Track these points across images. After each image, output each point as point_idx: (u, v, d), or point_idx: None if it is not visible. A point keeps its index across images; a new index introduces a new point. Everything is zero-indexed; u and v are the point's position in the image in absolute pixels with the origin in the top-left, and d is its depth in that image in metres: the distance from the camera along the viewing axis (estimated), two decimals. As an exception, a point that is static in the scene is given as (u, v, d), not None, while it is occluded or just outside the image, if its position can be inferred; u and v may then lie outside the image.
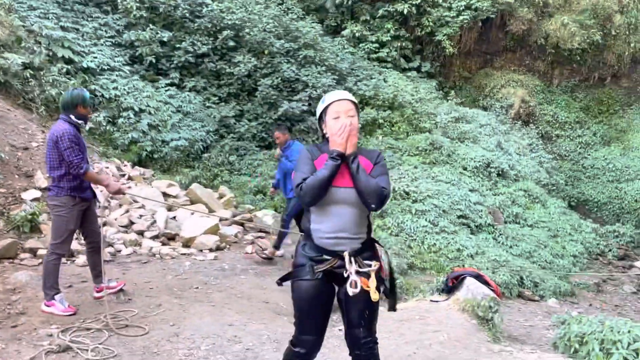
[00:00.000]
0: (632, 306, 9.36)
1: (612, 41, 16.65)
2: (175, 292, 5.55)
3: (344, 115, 2.73)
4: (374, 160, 2.78)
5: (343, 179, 2.66)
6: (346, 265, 2.62)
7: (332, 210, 2.67)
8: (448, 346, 4.56)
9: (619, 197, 14.48)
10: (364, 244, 2.74)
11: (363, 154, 2.79)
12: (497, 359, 4.41)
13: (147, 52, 11.35)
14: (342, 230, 2.67)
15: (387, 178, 2.77)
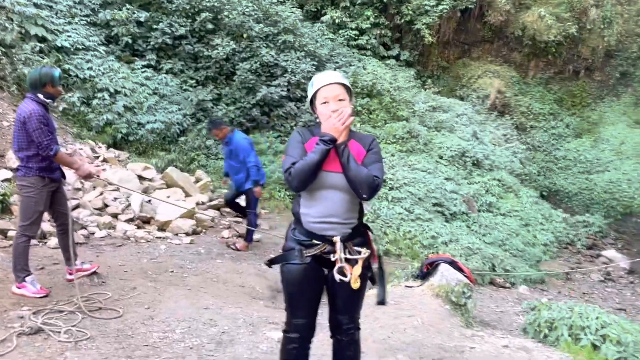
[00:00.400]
0: (599, 294, 9.61)
1: (587, 35, 16.89)
2: (150, 276, 5.50)
3: (332, 100, 2.66)
4: (368, 146, 2.71)
5: (334, 163, 2.61)
6: (336, 252, 2.58)
7: (322, 195, 2.63)
8: (422, 330, 4.62)
9: (588, 188, 14.80)
10: (355, 230, 2.69)
11: (356, 139, 2.73)
12: (469, 343, 4.48)
13: (123, 32, 11.09)
14: (331, 215, 2.63)
15: (381, 165, 2.69)
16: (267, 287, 6.00)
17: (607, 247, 12.55)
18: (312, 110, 2.83)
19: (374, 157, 2.69)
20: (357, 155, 2.64)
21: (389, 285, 6.07)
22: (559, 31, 16.24)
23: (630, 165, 15.06)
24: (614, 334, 4.49)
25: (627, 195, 14.33)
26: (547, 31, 16.23)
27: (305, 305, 2.73)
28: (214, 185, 9.43)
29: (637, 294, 9.83)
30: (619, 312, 7.98)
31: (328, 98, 2.67)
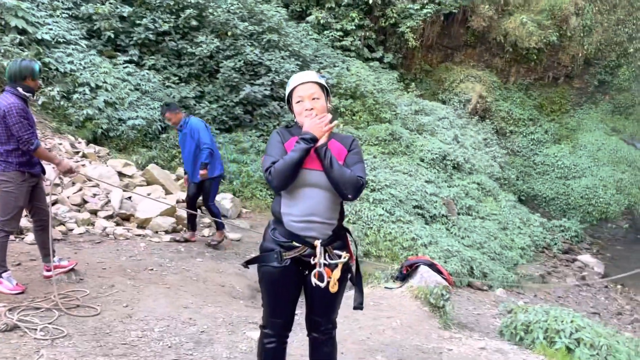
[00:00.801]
0: (574, 298, 9.78)
1: (567, 42, 17.18)
2: (129, 274, 5.44)
3: (307, 99, 2.66)
4: (349, 146, 2.72)
5: (315, 161, 2.60)
6: (316, 256, 2.58)
7: (303, 193, 2.61)
8: (400, 332, 4.66)
9: (566, 193, 15.06)
10: (336, 232, 2.68)
11: (337, 139, 2.74)
12: (447, 345, 4.53)
13: (105, 26, 10.96)
14: (313, 214, 2.61)
15: (363, 166, 2.70)
16: (247, 286, 6.00)
17: (582, 252, 12.79)
18: (290, 110, 2.82)
19: (356, 157, 2.70)
20: (339, 155, 2.64)
21: (369, 286, 6.10)
22: (539, 38, 16.49)
23: (606, 172, 15.37)
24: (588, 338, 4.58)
25: (603, 201, 14.64)
26: (528, 38, 16.46)
27: (282, 306, 2.74)
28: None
29: (611, 299, 10.02)
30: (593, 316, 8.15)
31: (302, 97, 2.67)
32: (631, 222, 14.60)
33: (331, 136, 2.72)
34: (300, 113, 2.68)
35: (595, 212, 14.52)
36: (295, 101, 2.70)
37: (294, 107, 2.72)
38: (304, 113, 2.65)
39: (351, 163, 2.66)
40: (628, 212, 14.65)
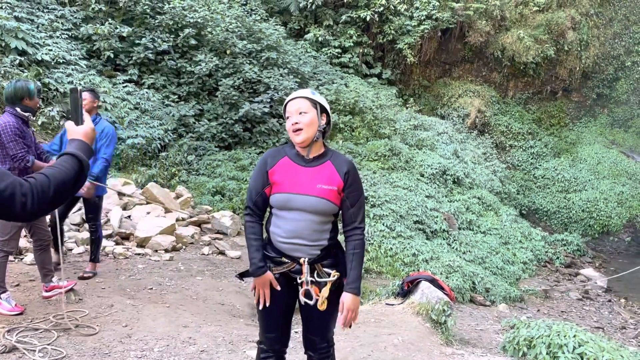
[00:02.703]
0: (577, 312, 9.70)
1: (564, 56, 17.30)
2: (129, 293, 5.42)
3: (294, 114, 2.60)
4: (343, 174, 2.61)
5: (299, 185, 2.58)
6: (303, 274, 2.57)
7: (288, 216, 2.59)
8: (402, 349, 4.63)
9: (567, 206, 15.03)
10: (325, 250, 2.64)
11: (333, 162, 2.65)
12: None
13: (105, 46, 11.07)
14: (297, 236, 2.59)
15: (362, 201, 2.66)
16: (246, 304, 5.96)
17: (585, 266, 12.73)
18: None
19: (356, 194, 2.64)
20: (329, 179, 2.58)
21: (370, 303, 6.08)
22: (537, 52, 16.61)
23: (606, 185, 15.36)
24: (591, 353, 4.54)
25: (604, 214, 14.61)
26: (525, 52, 16.58)
27: (274, 321, 2.73)
28: (195, 201, 9.39)
29: (615, 312, 9.96)
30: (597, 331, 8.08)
31: (291, 112, 2.63)
32: (633, 235, 14.56)
33: (329, 156, 2.68)
34: (289, 129, 2.63)
35: (596, 226, 14.49)
36: (286, 116, 2.66)
37: (286, 125, 2.68)
38: (291, 128, 2.60)
39: (351, 203, 2.63)
40: (630, 225, 14.62)
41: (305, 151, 2.65)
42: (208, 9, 12.85)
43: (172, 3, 12.11)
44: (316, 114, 2.64)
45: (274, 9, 15.84)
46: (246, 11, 14.33)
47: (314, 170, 2.62)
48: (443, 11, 15.92)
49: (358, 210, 2.64)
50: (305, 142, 2.61)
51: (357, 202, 2.63)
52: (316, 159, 2.66)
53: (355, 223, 2.64)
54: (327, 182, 2.59)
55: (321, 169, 2.62)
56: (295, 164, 2.65)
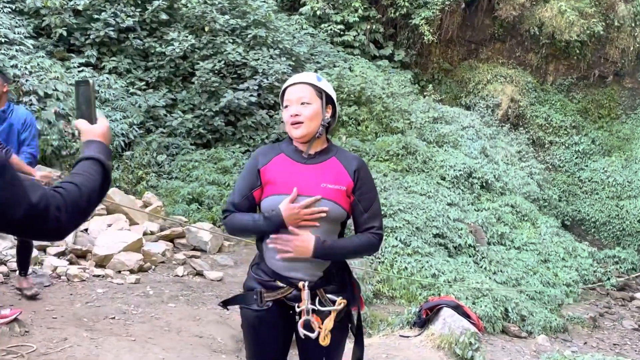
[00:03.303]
0: (632, 345, 9.70)
1: (615, 34, 17.30)
2: (86, 323, 5.41)
3: (295, 103, 2.59)
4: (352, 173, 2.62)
5: (300, 186, 2.55)
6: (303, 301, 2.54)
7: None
8: (420, 391, 4.63)
9: (619, 216, 15.00)
10: (329, 273, 2.63)
11: (339, 158, 2.67)
12: (478, 406, 4.50)
13: (56, 23, 11.08)
14: None
15: (378, 205, 2.67)
16: (230, 337, 5.94)
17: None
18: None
19: (369, 195, 2.64)
20: (336, 178, 2.59)
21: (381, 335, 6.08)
22: (582, 29, 16.62)
23: (668, 190, 15.36)
24: (650, 394, 4.55)
25: (665, 226, 14.60)
26: (568, 29, 16.59)
27: (265, 358, 2.73)
28: (166, 210, 9.38)
29: (678, 345, 9.96)
30: (657, 367, 8.08)
31: (290, 101, 2.61)
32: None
33: (334, 152, 2.69)
34: (287, 121, 2.63)
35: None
36: (284, 105, 2.66)
37: (283, 114, 2.68)
38: (289, 120, 2.60)
39: (365, 205, 2.62)
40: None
41: (305, 146, 2.65)
42: (182, -24, 12.88)
43: (138, -30, 12.15)
44: (321, 105, 2.63)
45: (263, -24, 15.89)
46: (228, -21, 14.37)
47: (317, 167, 2.62)
48: (468, -21, 15.98)
49: (374, 215, 2.63)
50: (305, 137, 2.61)
51: (371, 205, 2.63)
52: (318, 154, 2.66)
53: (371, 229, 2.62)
54: (333, 181, 2.58)
55: (325, 166, 2.63)
56: (293, 161, 2.65)
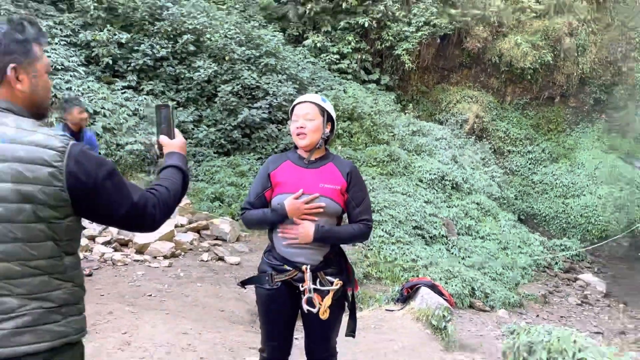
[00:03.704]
0: (576, 317, 9.70)
1: (561, 62, 17.34)
2: (128, 300, 5.41)
3: (301, 118, 2.62)
4: (345, 175, 2.64)
5: (303, 186, 2.58)
6: (305, 281, 2.55)
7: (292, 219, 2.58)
8: (402, 355, 4.61)
9: (565, 212, 15.04)
10: (329, 257, 2.64)
11: (335, 163, 2.69)
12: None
13: (103, 53, 11.08)
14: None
15: (368, 201, 2.67)
16: (246, 311, 5.95)
17: (583, 271, 12.73)
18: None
19: (360, 194, 2.66)
20: (332, 179, 2.60)
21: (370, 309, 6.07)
22: (534, 58, 16.66)
23: (604, 190, 15.37)
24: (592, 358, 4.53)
25: (603, 220, 14.63)
26: (523, 58, 16.63)
27: (276, 329, 2.71)
28: (194, 207, 9.37)
29: (614, 318, 9.95)
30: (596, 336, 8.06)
31: (297, 116, 2.64)
32: (632, 240, 14.56)
33: (330, 158, 2.70)
34: (293, 132, 2.66)
35: (595, 231, 14.50)
36: (293, 119, 2.68)
37: (290, 126, 2.70)
38: (295, 131, 2.63)
39: (356, 202, 2.64)
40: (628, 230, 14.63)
41: (307, 154, 2.68)
42: (207, 15, 12.87)
43: (170, 9, 12.13)
44: (322, 122, 2.66)
45: (273, 15, 15.86)
46: (245, 17, 14.37)
47: (316, 171, 2.64)
48: (441, 17, 15.97)
49: (365, 210, 2.64)
50: (308, 146, 2.64)
51: (362, 201, 2.64)
52: (318, 160, 2.68)
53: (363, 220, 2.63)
54: (330, 182, 2.60)
55: (323, 169, 2.64)
56: (297, 166, 2.67)
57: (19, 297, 1.53)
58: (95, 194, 1.60)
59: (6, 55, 1.60)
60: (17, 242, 1.51)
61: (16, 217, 1.50)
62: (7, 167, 1.49)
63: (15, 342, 1.51)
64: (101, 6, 11.58)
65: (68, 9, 11.67)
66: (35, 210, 1.52)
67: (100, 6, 11.57)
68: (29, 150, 1.52)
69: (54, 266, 1.59)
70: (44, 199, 1.52)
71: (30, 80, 1.66)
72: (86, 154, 1.60)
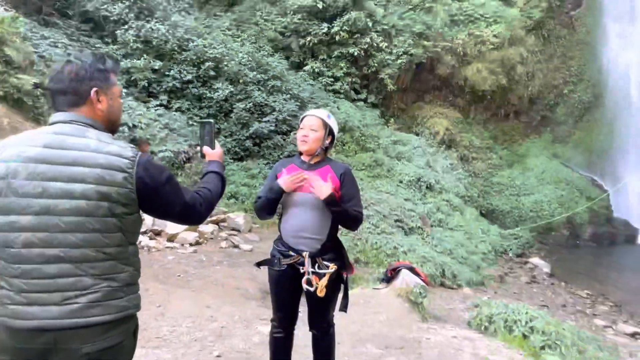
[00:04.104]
0: (527, 293, 9.73)
1: (514, 86, 17.37)
2: (161, 279, 5.41)
3: (307, 127, 2.62)
4: (339, 176, 2.62)
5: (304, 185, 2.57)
6: (305, 265, 2.54)
7: (295, 212, 2.60)
8: (386, 325, 4.63)
9: (518, 207, 15.06)
10: (326, 245, 2.61)
11: (331, 165, 2.68)
12: (425, 335, 4.50)
13: (140, 77, 11.07)
14: (302, 230, 2.58)
15: (359, 197, 2.64)
16: (258, 289, 5.95)
17: (532, 256, 12.76)
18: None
19: (352, 191, 2.63)
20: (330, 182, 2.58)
21: (360, 288, 6.07)
22: (492, 82, 16.69)
23: (550, 190, 15.43)
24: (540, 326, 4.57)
25: (548, 214, 14.67)
26: (483, 82, 16.66)
27: (283, 304, 2.71)
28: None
29: (557, 294, 9.99)
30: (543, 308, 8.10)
31: (304, 126, 2.64)
32: (571, 231, 14.62)
33: (327, 162, 2.69)
34: (298, 138, 2.66)
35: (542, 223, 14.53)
36: (300, 127, 2.68)
37: (297, 133, 2.70)
38: (300, 138, 2.64)
39: (349, 197, 2.59)
40: (568, 222, 14.68)
41: (308, 158, 2.68)
42: (225, 46, 12.86)
43: (195, 41, 12.12)
44: (324, 134, 2.65)
45: (279, 45, 15.84)
46: (256, 48, 14.34)
47: (315, 172, 2.62)
48: (417, 48, 15.99)
49: (356, 203, 2.61)
50: (307, 152, 2.64)
51: (353, 197, 2.61)
52: (317, 163, 2.68)
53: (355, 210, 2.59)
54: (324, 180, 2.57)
55: (321, 171, 2.63)
56: (299, 168, 2.66)
57: (92, 277, 1.56)
58: (157, 195, 1.64)
59: (90, 81, 1.64)
60: (95, 233, 1.54)
61: (95, 212, 1.53)
62: (90, 171, 1.52)
63: (88, 314, 1.54)
64: (139, 39, 11.56)
65: (112, 42, 11.65)
66: (110, 207, 1.55)
67: (138, 39, 11.55)
68: (107, 159, 1.55)
69: (120, 253, 1.63)
70: (117, 198, 1.56)
71: (108, 101, 1.69)
72: (151, 163, 1.65)
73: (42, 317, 1.50)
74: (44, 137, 1.56)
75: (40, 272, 1.51)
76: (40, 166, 1.51)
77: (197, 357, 3.55)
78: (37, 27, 10.23)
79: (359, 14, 15.27)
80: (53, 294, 1.51)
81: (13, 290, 1.52)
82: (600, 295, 10.01)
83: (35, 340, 1.50)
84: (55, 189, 1.50)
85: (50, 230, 1.51)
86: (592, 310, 9.02)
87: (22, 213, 1.50)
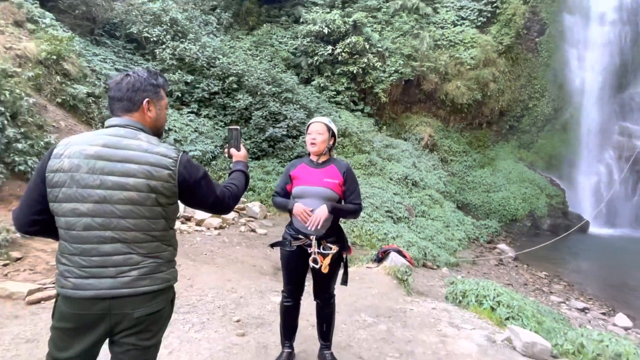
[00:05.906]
0: (495, 274, 9.71)
1: (487, 100, 17.30)
2: (191, 257, 5.43)
3: (314, 132, 2.63)
4: (342, 172, 2.62)
5: (313, 179, 2.58)
6: (312, 246, 2.56)
7: (304, 201, 2.58)
8: (377, 297, 4.63)
9: (488, 202, 15.02)
10: (330, 230, 2.62)
11: (335, 164, 2.67)
12: (410, 306, 4.50)
13: (175, 89, 11.07)
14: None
15: (359, 191, 2.63)
16: (271, 266, 5.97)
17: (500, 242, 12.74)
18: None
19: (353, 185, 2.62)
20: (333, 176, 2.59)
21: (355, 266, 6.07)
22: (469, 97, 16.62)
23: (515, 188, 15.37)
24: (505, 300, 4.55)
25: (513, 208, 14.62)
26: (461, 96, 16.59)
27: (293, 278, 2.72)
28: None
29: (520, 274, 9.96)
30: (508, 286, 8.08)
31: (312, 131, 2.65)
32: (532, 222, 14.56)
33: (332, 161, 2.68)
34: (307, 142, 2.67)
35: (508, 215, 14.49)
36: (307, 132, 2.68)
37: (306, 138, 2.71)
38: (309, 141, 2.64)
39: (350, 191, 2.60)
40: (530, 215, 14.62)
41: (316, 158, 2.67)
42: (245, 63, 12.84)
43: (221, 59, 12.10)
44: (328, 136, 2.68)
45: (290, 64, 15.81)
46: (271, 65, 14.30)
47: (322, 170, 2.63)
48: (406, 67, 15.92)
49: (356, 196, 2.62)
50: (316, 152, 2.64)
51: (354, 191, 2.62)
52: (324, 163, 2.67)
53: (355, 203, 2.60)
54: (331, 177, 2.59)
55: (327, 169, 2.64)
56: (309, 166, 2.67)
57: (141, 255, 1.57)
58: (194, 189, 1.66)
59: (144, 92, 1.67)
60: (144, 219, 1.56)
61: (145, 201, 1.55)
62: (142, 168, 1.55)
63: (139, 285, 1.57)
64: (174, 57, 11.55)
65: (152, 58, 11.65)
66: (157, 198, 1.57)
67: (174, 57, 11.54)
68: (156, 158, 1.57)
69: (164, 235, 1.63)
70: (163, 191, 1.58)
71: (157, 111, 1.71)
72: (190, 162, 1.67)
73: (99, 288, 1.52)
74: (103, 137, 1.57)
75: (98, 251, 1.53)
76: (99, 162, 1.53)
77: (220, 322, 3.57)
78: (89, 45, 10.25)
79: (358, 38, 15.21)
80: (109, 269, 1.53)
81: (74, 266, 1.53)
82: (556, 277, 9.98)
83: (92, 307, 1.52)
84: (112, 181, 1.52)
85: (106, 216, 1.52)
86: (549, 289, 9.00)
87: (84, 201, 1.52)
